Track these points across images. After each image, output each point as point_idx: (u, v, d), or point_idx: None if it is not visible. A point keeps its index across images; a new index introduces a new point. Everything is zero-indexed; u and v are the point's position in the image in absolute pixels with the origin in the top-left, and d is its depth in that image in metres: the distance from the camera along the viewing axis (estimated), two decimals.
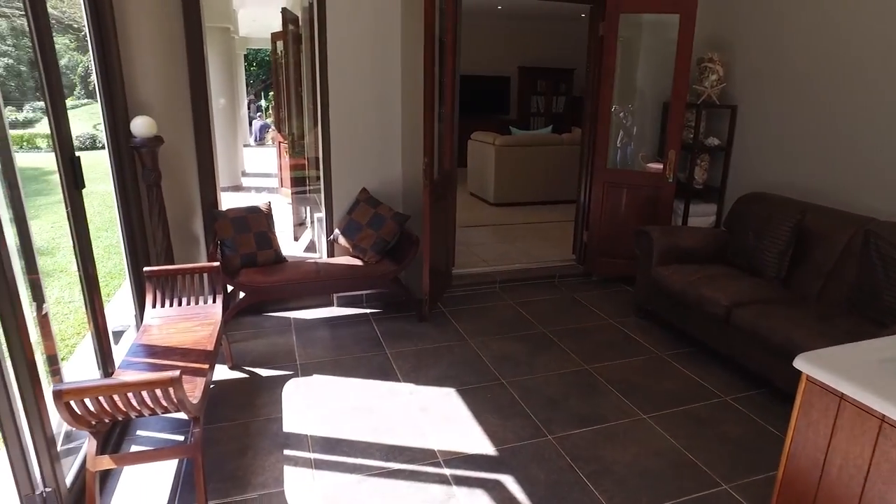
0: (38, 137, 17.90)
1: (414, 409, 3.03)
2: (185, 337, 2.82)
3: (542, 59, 11.80)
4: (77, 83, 33.46)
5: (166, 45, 3.45)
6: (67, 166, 2.44)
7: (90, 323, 2.74)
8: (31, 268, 2.33)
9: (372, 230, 3.89)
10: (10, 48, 31.44)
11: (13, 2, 17.59)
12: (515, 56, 11.71)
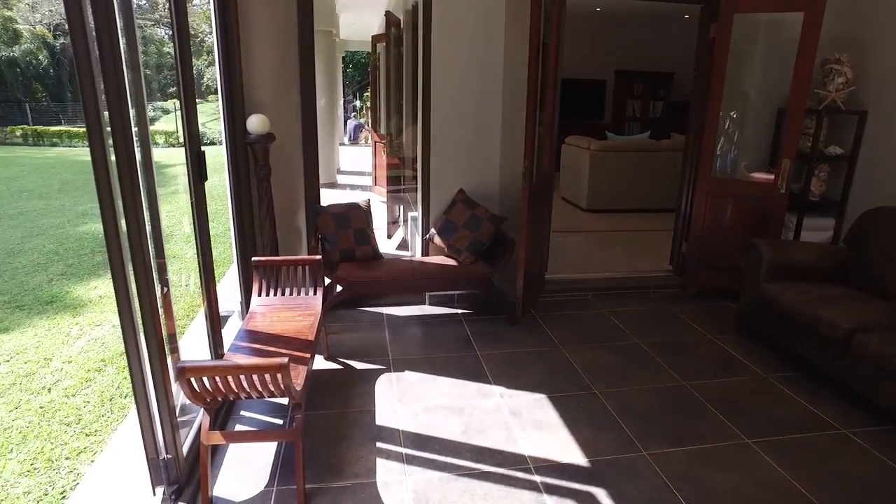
0: (156, 134, 19.45)
1: (504, 412, 3.01)
2: (288, 326, 2.95)
3: (639, 62, 11.43)
4: None
5: (281, 50, 3.64)
6: (195, 160, 2.62)
7: (205, 307, 2.93)
8: (158, 252, 2.52)
9: (468, 231, 3.91)
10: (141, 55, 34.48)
11: (144, 14, 19.17)
12: (612, 59, 11.42)
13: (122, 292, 1.96)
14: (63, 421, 3.36)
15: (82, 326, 4.62)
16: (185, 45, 2.55)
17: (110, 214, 1.90)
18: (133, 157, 1.93)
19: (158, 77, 37.82)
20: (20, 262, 6.36)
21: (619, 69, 11.48)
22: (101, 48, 1.79)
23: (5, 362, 4.04)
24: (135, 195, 1.94)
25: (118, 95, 1.85)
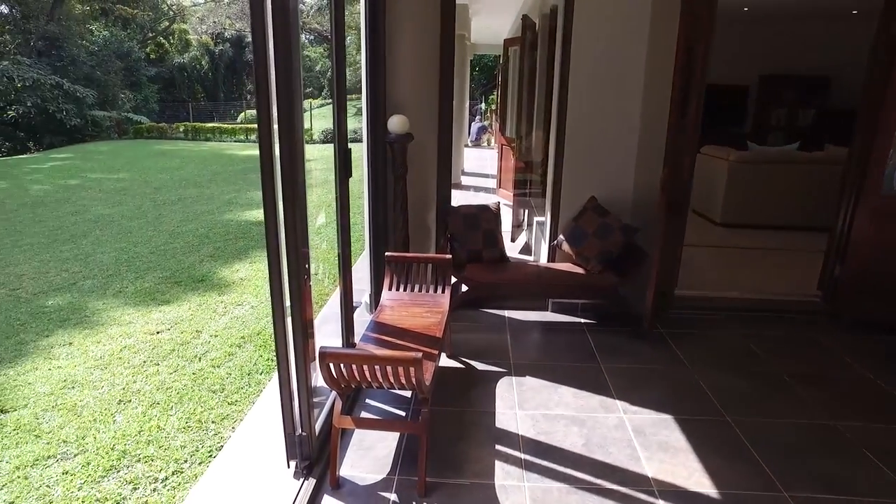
0: None
1: (627, 429, 2.89)
2: (416, 321, 3.05)
3: (789, 66, 10.49)
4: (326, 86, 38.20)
5: (422, 53, 3.76)
6: (341, 157, 2.77)
7: (341, 297, 3.10)
8: (305, 243, 2.69)
9: (598, 239, 3.81)
10: None
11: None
12: (756, 63, 10.58)
13: (275, 278, 2.12)
14: (210, 388, 3.71)
15: (226, 305, 5.08)
16: (341, 51, 2.71)
17: (271, 205, 2.05)
18: (296, 153, 2.07)
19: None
20: (178, 242, 7.13)
21: (764, 74, 10.63)
22: (277, 51, 1.94)
23: (167, 330, 4.55)
24: (294, 188, 2.08)
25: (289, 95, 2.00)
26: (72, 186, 11.71)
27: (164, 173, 13.15)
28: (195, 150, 18.21)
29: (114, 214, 9.01)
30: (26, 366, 4.05)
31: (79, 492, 2.83)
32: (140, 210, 9.27)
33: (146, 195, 10.57)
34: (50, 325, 4.74)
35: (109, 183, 12.02)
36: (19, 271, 6.26)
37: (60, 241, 7.48)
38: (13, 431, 3.29)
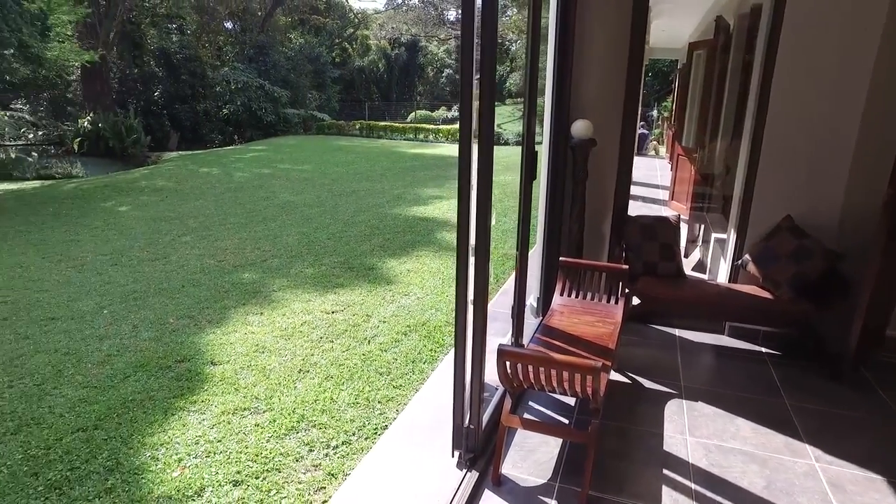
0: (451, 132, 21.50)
1: (821, 480, 2.56)
2: (587, 329, 2.97)
3: None
4: None
5: (610, 55, 3.66)
6: (529, 160, 2.79)
7: (515, 298, 3.12)
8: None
9: (792, 263, 3.43)
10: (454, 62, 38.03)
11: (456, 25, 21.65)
12: None
13: (461, 274, 2.19)
14: (378, 370, 3.95)
15: (394, 294, 5.37)
16: (535, 55, 2.72)
17: (465, 204, 2.12)
18: (490, 154, 2.12)
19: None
20: (352, 231, 7.70)
21: None
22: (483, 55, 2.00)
23: (341, 311, 4.94)
24: (487, 189, 2.13)
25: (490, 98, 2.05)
26: (265, 175, 13.19)
27: (341, 167, 14.29)
28: (368, 146, 19.57)
29: (297, 202, 9.98)
30: (228, 328, 4.63)
31: (267, 443, 3.17)
32: (319, 199, 10.17)
33: (324, 186, 11.57)
34: (245, 296, 5.38)
35: (295, 173, 13.35)
36: (224, 246, 7.19)
37: (255, 223, 8.46)
38: (219, 382, 3.78)
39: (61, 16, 14.96)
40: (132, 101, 21.84)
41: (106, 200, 10.66)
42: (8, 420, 3.43)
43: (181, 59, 22.64)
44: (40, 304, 5.33)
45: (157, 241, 7.61)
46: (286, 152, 17.55)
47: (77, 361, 4.15)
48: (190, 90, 22.42)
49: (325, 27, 35.18)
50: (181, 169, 14.43)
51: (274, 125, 23.36)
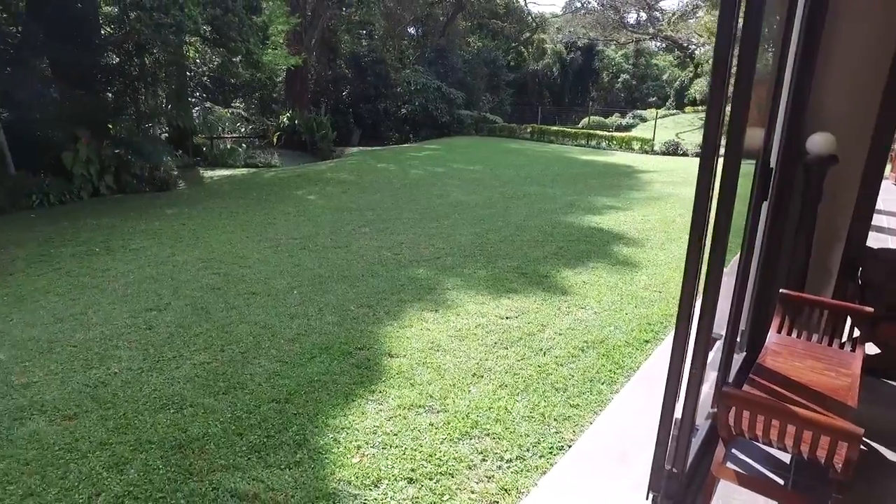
0: (632, 140, 20.54)
1: None
2: (815, 378, 2.53)
3: None
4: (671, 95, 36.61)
5: (867, 63, 3.09)
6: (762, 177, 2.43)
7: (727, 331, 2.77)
8: None
9: None
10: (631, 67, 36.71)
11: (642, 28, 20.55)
12: None
13: (686, 298, 1.94)
14: (553, 385, 3.78)
15: (569, 305, 5.15)
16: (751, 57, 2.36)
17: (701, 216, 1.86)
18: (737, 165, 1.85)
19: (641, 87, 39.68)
20: (524, 236, 7.60)
21: None
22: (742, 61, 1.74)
23: (515, 318, 4.85)
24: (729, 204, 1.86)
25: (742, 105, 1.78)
26: (438, 173, 13.64)
27: (511, 169, 14.30)
28: (539, 150, 19.42)
29: (469, 202, 10.14)
30: (404, 322, 4.77)
31: (441, 445, 3.15)
32: (490, 200, 10.23)
33: (495, 188, 11.63)
34: (421, 291, 5.51)
35: (467, 173, 13.62)
36: (400, 240, 7.49)
37: (428, 219, 8.72)
38: (396, 375, 3.88)
39: (278, 26, 16.83)
40: (324, 100, 23.97)
41: (298, 189, 11.73)
42: (220, 381, 3.83)
43: (368, 62, 24.32)
44: (244, 279, 5.95)
45: (340, 229, 8.16)
46: (459, 152, 18.04)
47: (272, 336, 4.53)
48: (374, 90, 24.01)
49: (502, 31, 35.69)
50: (362, 164, 15.48)
51: (448, 125, 24.18)
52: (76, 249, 7.22)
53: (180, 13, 10.88)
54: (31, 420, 3.42)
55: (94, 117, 11.40)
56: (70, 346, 4.39)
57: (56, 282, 6.02)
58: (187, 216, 9.15)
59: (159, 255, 6.91)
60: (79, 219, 8.96)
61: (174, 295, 5.48)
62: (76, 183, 10.44)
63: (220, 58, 16.23)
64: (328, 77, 25.40)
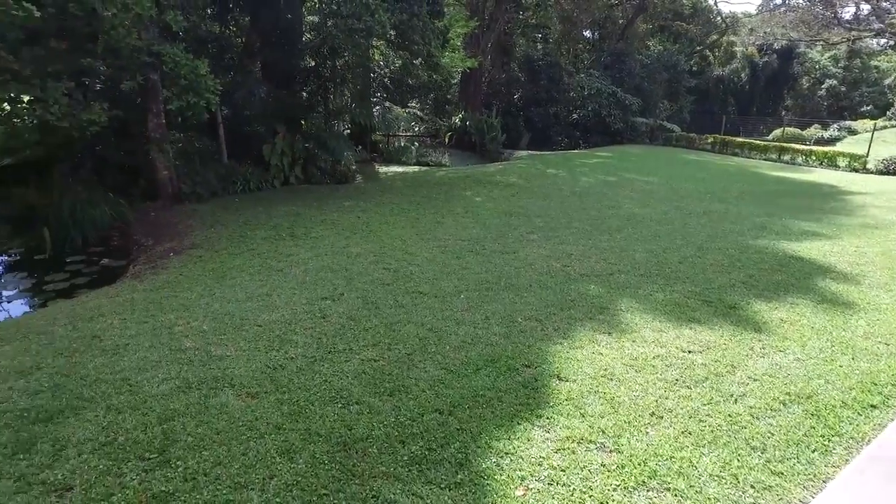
0: (837, 156, 17.94)
1: None
2: None
3: None
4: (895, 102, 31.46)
5: None
6: None
7: None
8: None
9: None
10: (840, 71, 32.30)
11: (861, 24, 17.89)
12: None
13: None
14: (747, 440, 3.25)
15: (765, 346, 4.47)
16: None
17: None
18: None
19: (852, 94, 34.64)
20: (707, 259, 6.85)
21: None
22: None
23: (699, 353, 4.30)
24: None
25: None
26: (609, 183, 12.98)
27: (690, 182, 13.18)
28: (721, 163, 17.72)
29: (643, 215, 9.45)
30: (574, 342, 4.46)
31: (613, 493, 2.83)
32: (666, 216, 9.45)
33: (672, 202, 10.75)
34: (592, 310, 5.15)
35: (640, 184, 12.80)
36: (568, 251, 7.16)
37: (599, 231, 8.26)
38: (565, 401, 3.61)
39: (457, 29, 17.28)
40: (495, 102, 24.16)
41: (466, 190, 11.86)
42: (386, 381, 3.85)
43: (542, 66, 24.04)
44: (412, 277, 6.04)
45: (507, 234, 8.03)
46: (631, 161, 17.09)
47: (438, 340, 4.49)
48: (546, 94, 23.69)
49: (686, 33, 33.29)
50: (530, 168, 15.28)
51: (620, 132, 23.11)
52: (267, 234, 7.93)
53: (371, 18, 11.53)
54: (222, 391, 3.70)
55: (291, 114, 12.56)
56: (256, 326, 4.74)
57: (249, 262, 6.63)
58: (362, 209, 9.65)
59: (336, 245, 7.32)
60: (271, 205, 9.88)
61: (347, 286, 5.72)
62: (272, 172, 11.57)
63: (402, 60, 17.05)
64: (501, 80, 25.58)
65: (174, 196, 10.02)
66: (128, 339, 4.50)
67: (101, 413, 3.45)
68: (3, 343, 4.49)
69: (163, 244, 7.79)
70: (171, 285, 5.88)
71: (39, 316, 5.37)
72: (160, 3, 8.26)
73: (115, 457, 3.07)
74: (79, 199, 8.72)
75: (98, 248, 8.43)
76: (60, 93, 7.37)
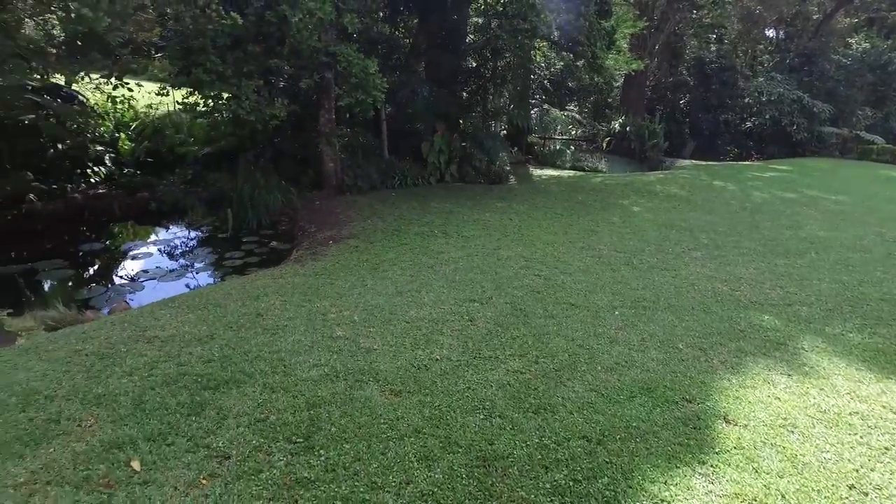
0: None
1: None
2: None
3: None
4: None
5: None
6: None
7: None
8: None
9: None
10: None
11: None
12: None
13: None
14: None
15: None
16: None
17: None
18: None
19: None
20: None
21: None
22: None
23: None
24: None
25: None
26: (788, 200, 11.56)
27: (893, 204, 11.31)
28: None
29: (830, 239, 8.25)
30: (745, 380, 3.94)
31: None
32: (861, 242, 8.15)
33: (869, 226, 9.27)
34: (766, 345, 4.54)
35: (827, 203, 11.24)
36: (738, 273, 6.43)
37: (775, 254, 7.34)
38: (734, 449, 3.17)
39: (624, 30, 16.48)
40: (659, 107, 22.76)
41: (623, 198, 11.24)
42: (531, 397, 3.67)
43: (714, 69, 22.16)
44: (563, 287, 5.78)
45: (667, 249, 7.44)
46: (815, 176, 15.11)
47: (589, 359, 4.22)
48: (716, 100, 21.83)
49: None
50: (694, 178, 14.13)
51: (803, 143, 20.58)
52: (420, 229, 8.10)
53: (536, 19, 11.35)
54: (367, 385, 3.77)
55: (450, 113, 12.79)
56: (404, 322, 4.80)
57: (401, 256, 6.80)
58: (514, 211, 9.52)
59: (487, 246, 7.27)
60: (426, 201, 10.12)
61: (496, 290, 5.62)
62: (428, 169, 11.87)
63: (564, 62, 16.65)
64: (667, 83, 24.05)
65: (337, 187, 10.67)
66: (286, 320, 4.79)
67: (258, 390, 3.67)
68: (190, 311, 5.01)
69: (323, 232, 8.30)
70: (328, 272, 6.21)
71: (218, 289, 5.94)
72: (339, 8, 8.80)
73: (266, 435, 3.23)
74: (257, 185, 9.64)
75: (268, 231, 9.25)
76: (251, 90, 8.16)
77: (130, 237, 9.38)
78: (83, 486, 2.79)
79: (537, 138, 18.64)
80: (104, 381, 3.73)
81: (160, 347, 4.22)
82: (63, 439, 3.13)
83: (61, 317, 5.20)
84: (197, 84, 8.01)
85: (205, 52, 7.65)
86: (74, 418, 3.32)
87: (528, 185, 12.92)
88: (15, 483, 2.80)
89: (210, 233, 9.33)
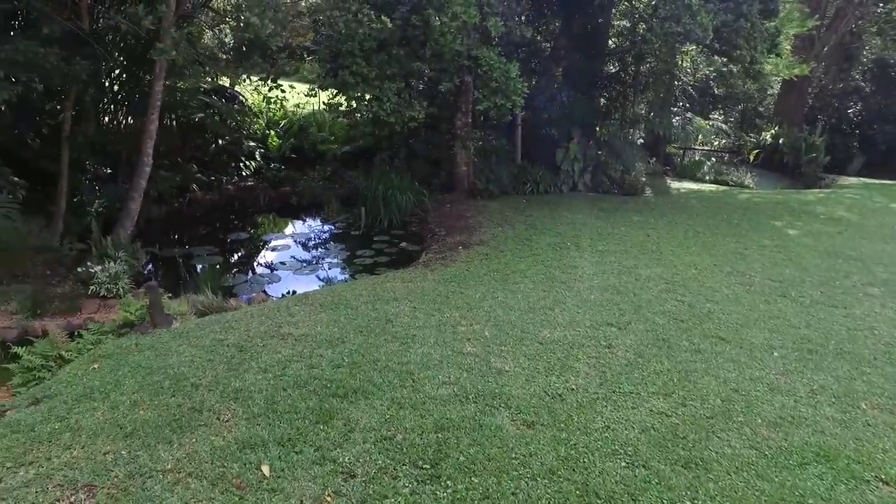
0: None
1: None
2: None
3: None
4: None
5: None
6: None
7: None
8: None
9: None
10: None
11: None
12: None
13: None
14: None
15: None
16: None
17: None
18: None
19: None
20: None
21: None
22: None
23: None
24: None
25: None
26: None
27: None
28: None
29: None
30: None
31: None
32: None
33: None
34: None
35: None
36: None
37: None
38: None
39: (788, 30, 14.89)
40: (822, 117, 20.38)
41: (776, 219, 10.12)
42: (679, 446, 3.28)
43: None
44: (711, 317, 5.22)
45: (833, 282, 6.50)
46: None
47: (746, 407, 3.71)
48: None
49: None
50: (865, 200, 12.44)
51: None
52: (552, 240, 7.78)
53: (692, 21, 10.52)
54: (498, 412, 3.56)
55: (587, 120, 12.27)
56: (537, 343, 4.55)
57: (532, 268, 6.54)
58: (652, 227, 8.89)
59: (623, 263, 6.80)
60: (557, 210, 9.75)
61: (635, 314, 5.19)
62: (561, 177, 11.47)
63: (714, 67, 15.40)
64: (834, 90, 21.46)
65: (469, 190, 10.62)
66: (416, 329, 4.72)
67: (386, 404, 3.60)
68: (322, 310, 5.13)
69: (453, 236, 8.24)
70: (458, 280, 6.10)
71: (349, 288, 6.05)
72: (483, 11, 8.71)
73: (393, 456, 3.13)
74: (391, 185, 9.83)
75: (399, 231, 9.39)
76: (393, 92, 8.31)
77: (271, 228, 10.00)
78: (218, 483, 2.85)
79: (677, 149, 17.45)
80: (241, 374, 3.87)
81: (293, 346, 4.33)
82: (204, 431, 3.25)
83: (209, 302, 5.55)
84: (342, 85, 8.30)
85: (352, 55, 7.90)
86: (214, 410, 3.45)
87: (665, 198, 12.06)
88: (164, 469, 2.94)
89: (343, 229, 9.67)
